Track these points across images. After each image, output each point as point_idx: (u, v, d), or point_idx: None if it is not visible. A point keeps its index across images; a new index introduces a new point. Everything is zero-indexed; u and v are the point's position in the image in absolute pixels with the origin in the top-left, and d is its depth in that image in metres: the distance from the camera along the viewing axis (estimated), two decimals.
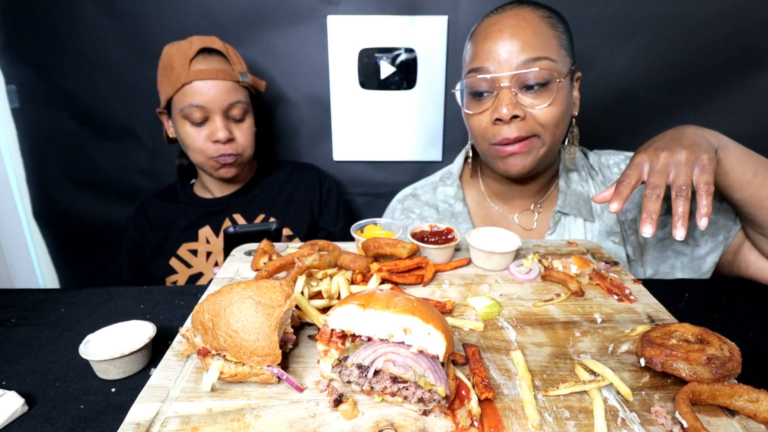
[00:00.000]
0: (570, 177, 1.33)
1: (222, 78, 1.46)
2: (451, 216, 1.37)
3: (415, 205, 1.42)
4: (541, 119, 1.12)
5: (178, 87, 1.44)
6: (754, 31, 1.63)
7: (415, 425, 0.60)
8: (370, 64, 1.77)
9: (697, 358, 0.65)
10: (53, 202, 2.01)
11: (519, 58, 1.09)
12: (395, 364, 0.62)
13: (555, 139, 1.17)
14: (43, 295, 1.10)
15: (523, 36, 1.09)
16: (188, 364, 0.73)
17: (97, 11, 1.72)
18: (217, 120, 1.48)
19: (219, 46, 1.50)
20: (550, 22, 1.13)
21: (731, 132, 1.91)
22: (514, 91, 1.11)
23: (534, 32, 1.10)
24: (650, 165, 0.93)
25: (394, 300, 0.63)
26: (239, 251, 1.16)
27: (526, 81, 1.10)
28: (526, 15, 1.12)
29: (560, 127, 1.16)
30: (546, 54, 1.10)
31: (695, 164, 0.90)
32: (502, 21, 1.13)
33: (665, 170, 0.90)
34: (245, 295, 0.69)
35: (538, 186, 1.34)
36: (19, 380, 0.80)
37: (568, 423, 0.60)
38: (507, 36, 1.10)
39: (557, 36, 1.13)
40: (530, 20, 1.11)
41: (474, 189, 1.42)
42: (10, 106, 1.87)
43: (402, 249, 0.98)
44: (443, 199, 1.40)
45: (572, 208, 1.30)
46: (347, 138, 1.88)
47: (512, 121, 1.12)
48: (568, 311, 0.87)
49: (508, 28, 1.11)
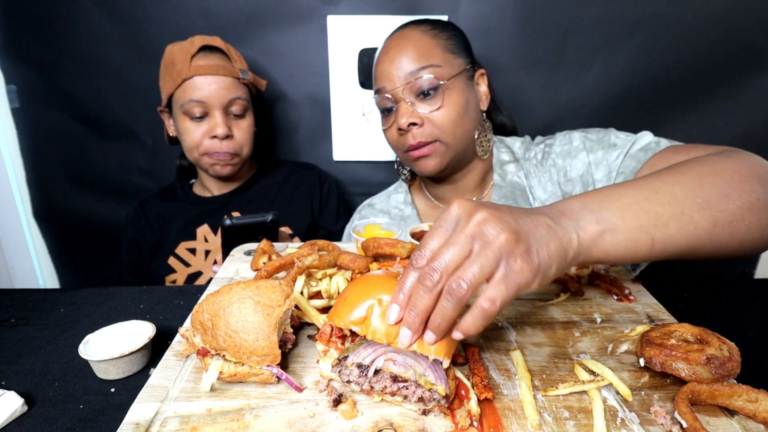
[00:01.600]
0: (505, 169, 1.36)
1: (222, 74, 1.47)
2: (401, 219, 1.47)
3: (371, 213, 1.55)
4: (437, 122, 1.23)
5: (179, 83, 1.45)
6: (754, 31, 1.63)
7: (414, 425, 0.60)
8: (370, 64, 1.76)
9: (696, 358, 0.65)
10: (53, 202, 2.01)
11: (405, 71, 1.22)
12: (395, 363, 0.62)
13: (456, 138, 1.26)
14: (43, 295, 1.10)
15: (404, 52, 1.23)
16: (188, 364, 0.73)
17: (97, 11, 1.72)
18: (216, 115, 1.48)
19: (220, 44, 1.52)
20: (432, 33, 1.26)
21: (731, 132, 1.93)
22: (410, 101, 1.23)
23: (414, 46, 1.23)
24: (455, 226, 0.60)
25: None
26: (239, 251, 1.16)
27: (417, 89, 1.22)
28: (407, 33, 1.27)
29: (460, 127, 1.25)
30: (429, 62, 1.21)
31: (507, 258, 0.57)
32: (389, 44, 1.28)
33: (465, 242, 0.57)
34: (245, 294, 0.69)
35: (471, 183, 1.40)
36: (18, 380, 0.80)
37: (567, 423, 0.60)
38: (393, 55, 1.24)
39: (440, 43, 1.25)
40: (410, 37, 1.25)
41: (421, 193, 1.52)
42: (10, 106, 1.87)
43: (402, 249, 0.98)
44: (394, 205, 1.51)
45: (507, 199, 1.32)
46: (347, 138, 1.88)
47: (411, 128, 1.24)
48: (568, 311, 0.87)
49: (393, 48, 1.25)
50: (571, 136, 1.27)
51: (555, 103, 1.77)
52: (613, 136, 1.20)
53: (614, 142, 1.18)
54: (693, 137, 1.64)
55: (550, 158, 1.29)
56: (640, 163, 1.08)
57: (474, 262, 0.56)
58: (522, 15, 1.68)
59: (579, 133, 1.26)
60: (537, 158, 1.32)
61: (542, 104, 1.78)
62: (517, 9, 1.67)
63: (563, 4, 1.66)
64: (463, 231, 0.58)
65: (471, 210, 0.60)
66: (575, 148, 1.24)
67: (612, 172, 1.16)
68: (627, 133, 1.20)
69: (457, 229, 0.59)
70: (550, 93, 1.76)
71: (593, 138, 1.23)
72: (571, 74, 1.73)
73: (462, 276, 0.56)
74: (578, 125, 1.36)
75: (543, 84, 1.76)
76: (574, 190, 1.25)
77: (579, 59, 1.72)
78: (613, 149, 1.17)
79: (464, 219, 0.59)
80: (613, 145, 1.18)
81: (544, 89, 1.76)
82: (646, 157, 1.07)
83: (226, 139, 1.51)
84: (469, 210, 0.60)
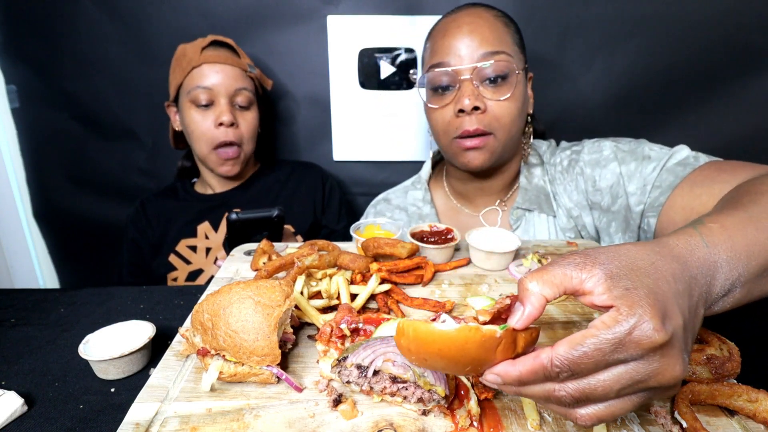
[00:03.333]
0: (532, 172, 1.34)
1: (230, 64, 1.53)
2: (419, 218, 1.42)
3: (387, 209, 1.50)
4: (499, 113, 1.17)
5: (188, 71, 1.50)
6: (754, 31, 1.63)
7: (414, 425, 0.60)
8: (370, 64, 1.77)
9: (696, 358, 0.65)
10: (53, 202, 2.01)
11: (478, 51, 1.14)
12: (394, 364, 0.62)
13: (509, 135, 1.21)
14: (43, 295, 1.10)
15: (480, 32, 1.15)
16: (188, 364, 0.73)
17: (97, 11, 1.72)
18: (222, 103, 1.52)
19: (231, 42, 1.58)
20: (504, 20, 1.21)
21: (731, 132, 1.92)
22: (475, 83, 1.16)
23: (490, 28, 1.16)
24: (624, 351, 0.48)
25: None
26: (239, 251, 1.16)
27: (486, 74, 1.15)
28: (481, 13, 1.19)
29: (515, 124, 1.21)
30: (503, 48, 1.16)
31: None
32: (459, 19, 1.19)
33: (601, 359, 0.48)
34: (245, 295, 0.69)
35: (500, 184, 1.36)
36: (18, 380, 0.80)
37: (567, 423, 0.60)
38: (465, 32, 1.16)
39: (510, 33, 1.20)
40: (486, 18, 1.18)
41: (441, 191, 1.48)
42: (10, 106, 1.87)
43: (401, 249, 0.98)
44: (412, 202, 1.46)
45: (532, 203, 1.30)
46: (347, 138, 1.88)
47: (473, 113, 1.16)
48: (568, 311, 0.87)
49: (466, 24, 1.17)
50: (601, 145, 1.24)
51: (555, 103, 1.77)
52: (647, 147, 1.16)
53: (648, 154, 1.14)
54: (693, 137, 1.64)
55: (577, 166, 1.26)
56: (678, 178, 1.05)
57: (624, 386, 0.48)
58: (522, 15, 1.68)
59: (610, 143, 1.23)
60: (563, 165, 1.30)
61: (542, 104, 1.77)
62: (517, 9, 1.67)
63: (563, 4, 1.66)
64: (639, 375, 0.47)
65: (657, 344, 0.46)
66: (605, 157, 1.21)
67: (647, 185, 1.11)
68: (661, 145, 1.16)
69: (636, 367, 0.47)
70: (550, 93, 1.76)
71: (625, 149, 1.19)
72: (571, 74, 1.73)
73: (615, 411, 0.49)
74: (578, 125, 1.36)
75: (543, 84, 1.76)
76: (603, 200, 1.21)
77: (579, 59, 1.72)
78: (648, 162, 1.13)
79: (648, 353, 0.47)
80: (647, 158, 1.14)
81: (544, 89, 1.76)
82: (685, 172, 1.04)
83: (231, 127, 1.54)
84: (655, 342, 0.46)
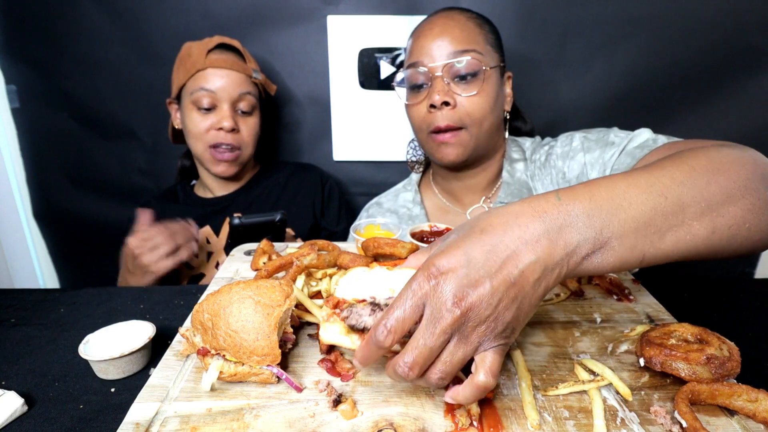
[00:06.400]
0: (515, 167, 1.37)
1: (236, 69, 1.51)
2: (409, 219, 1.45)
3: (378, 212, 1.53)
4: (469, 108, 1.22)
5: (192, 72, 1.49)
6: (754, 31, 1.63)
7: (414, 425, 0.60)
8: (370, 64, 1.77)
9: (696, 358, 0.65)
10: (53, 202, 2.01)
11: (448, 50, 1.22)
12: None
13: (482, 130, 1.26)
14: (43, 295, 1.10)
15: (451, 32, 1.23)
16: (188, 364, 0.73)
17: (97, 11, 1.72)
18: (224, 108, 1.51)
19: (238, 45, 1.57)
20: (476, 21, 1.28)
21: (731, 132, 1.92)
22: (446, 80, 1.22)
23: (461, 29, 1.24)
24: (428, 306, 0.54)
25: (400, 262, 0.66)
26: (239, 251, 1.16)
27: (457, 71, 1.22)
28: (454, 15, 1.27)
29: (487, 119, 1.26)
30: (473, 47, 1.22)
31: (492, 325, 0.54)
32: (433, 21, 1.28)
33: (443, 331, 0.53)
34: (245, 294, 0.69)
35: (483, 182, 1.39)
36: (18, 380, 0.80)
37: (567, 423, 0.60)
38: (437, 33, 1.24)
39: (483, 33, 1.27)
40: (457, 19, 1.26)
41: (430, 191, 1.50)
42: (10, 106, 1.87)
43: (401, 249, 0.98)
44: (402, 204, 1.50)
45: (515, 197, 1.32)
46: (347, 138, 1.88)
47: (443, 108, 1.22)
48: (568, 311, 0.87)
49: (438, 26, 1.25)
50: (572, 138, 1.26)
51: (555, 103, 1.77)
52: (613, 134, 1.17)
53: (612, 140, 1.16)
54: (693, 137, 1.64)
55: (551, 160, 1.28)
56: (635, 159, 1.03)
57: (459, 347, 0.54)
58: (522, 15, 1.68)
59: (580, 134, 1.25)
60: (540, 160, 1.32)
61: (542, 104, 1.78)
62: (517, 9, 1.67)
63: (563, 4, 1.66)
64: (440, 324, 0.52)
65: (457, 297, 0.52)
66: (574, 149, 1.23)
67: (606, 170, 1.12)
68: (628, 132, 1.16)
69: (439, 318, 0.52)
70: (550, 93, 1.76)
71: (593, 138, 1.21)
72: (571, 74, 1.73)
73: (438, 370, 0.55)
74: (578, 125, 1.36)
75: (543, 84, 1.76)
76: None
77: (579, 59, 1.72)
78: (610, 147, 1.14)
79: (447, 310, 0.52)
80: (611, 144, 1.15)
81: (544, 89, 1.76)
82: (641, 154, 1.02)
83: (232, 132, 1.53)
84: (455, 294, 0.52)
